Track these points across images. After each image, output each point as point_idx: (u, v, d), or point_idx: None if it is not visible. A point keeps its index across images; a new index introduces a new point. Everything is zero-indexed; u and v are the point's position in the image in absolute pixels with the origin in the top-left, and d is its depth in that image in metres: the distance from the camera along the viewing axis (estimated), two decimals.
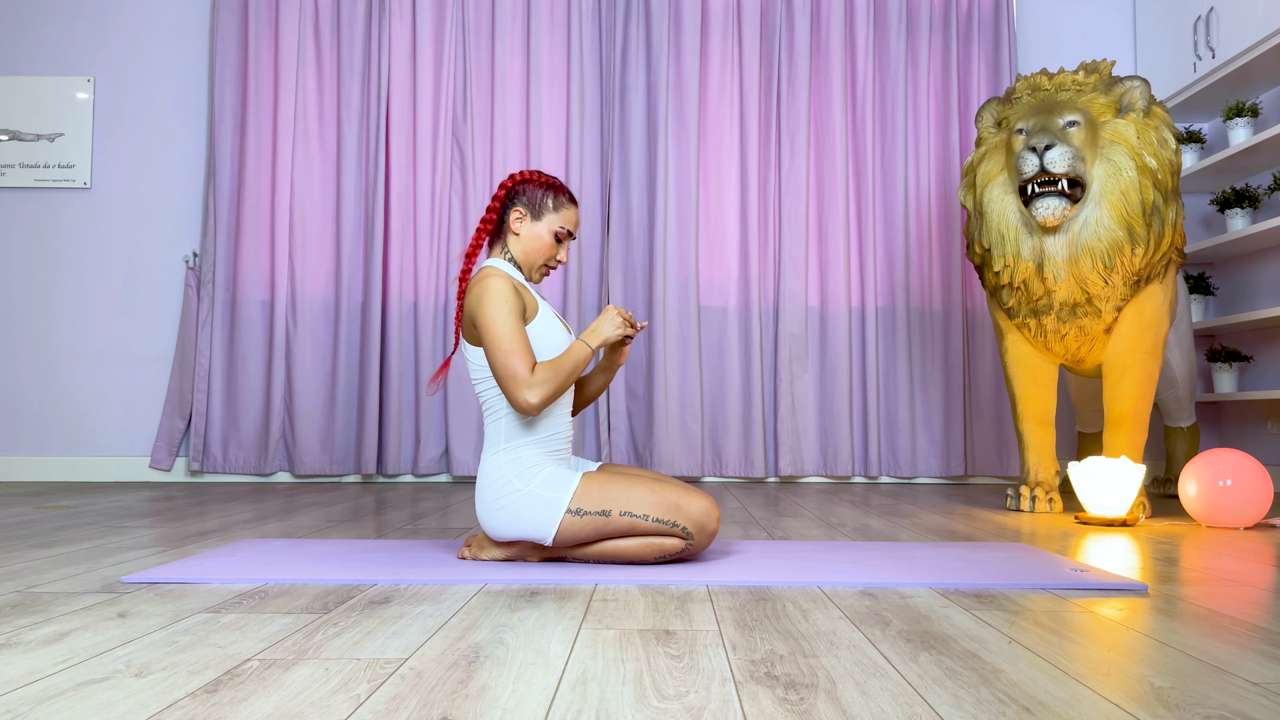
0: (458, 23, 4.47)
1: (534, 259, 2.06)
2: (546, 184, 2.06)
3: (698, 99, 4.46)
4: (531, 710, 1.03)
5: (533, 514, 1.93)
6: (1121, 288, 3.01)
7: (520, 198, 2.05)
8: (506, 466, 1.96)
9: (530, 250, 2.05)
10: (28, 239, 4.48)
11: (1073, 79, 3.08)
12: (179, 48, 4.56)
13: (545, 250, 2.06)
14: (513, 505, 1.94)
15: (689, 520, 1.94)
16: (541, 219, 2.05)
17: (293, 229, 4.36)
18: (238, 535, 2.47)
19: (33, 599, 1.62)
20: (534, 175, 2.07)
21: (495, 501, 1.96)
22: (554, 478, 1.95)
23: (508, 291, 1.93)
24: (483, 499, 1.98)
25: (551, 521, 1.93)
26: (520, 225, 2.05)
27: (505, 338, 1.89)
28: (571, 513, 1.92)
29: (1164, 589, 1.79)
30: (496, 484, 1.96)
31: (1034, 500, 3.21)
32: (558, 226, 2.06)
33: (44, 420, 4.42)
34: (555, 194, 2.06)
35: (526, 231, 2.05)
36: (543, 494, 1.93)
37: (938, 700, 1.08)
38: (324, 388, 4.32)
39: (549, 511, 1.93)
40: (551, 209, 2.05)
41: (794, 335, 4.41)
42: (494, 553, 2.03)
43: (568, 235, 2.08)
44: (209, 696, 1.08)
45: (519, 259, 2.06)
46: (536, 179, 2.06)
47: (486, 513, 1.97)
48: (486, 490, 1.97)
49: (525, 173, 2.08)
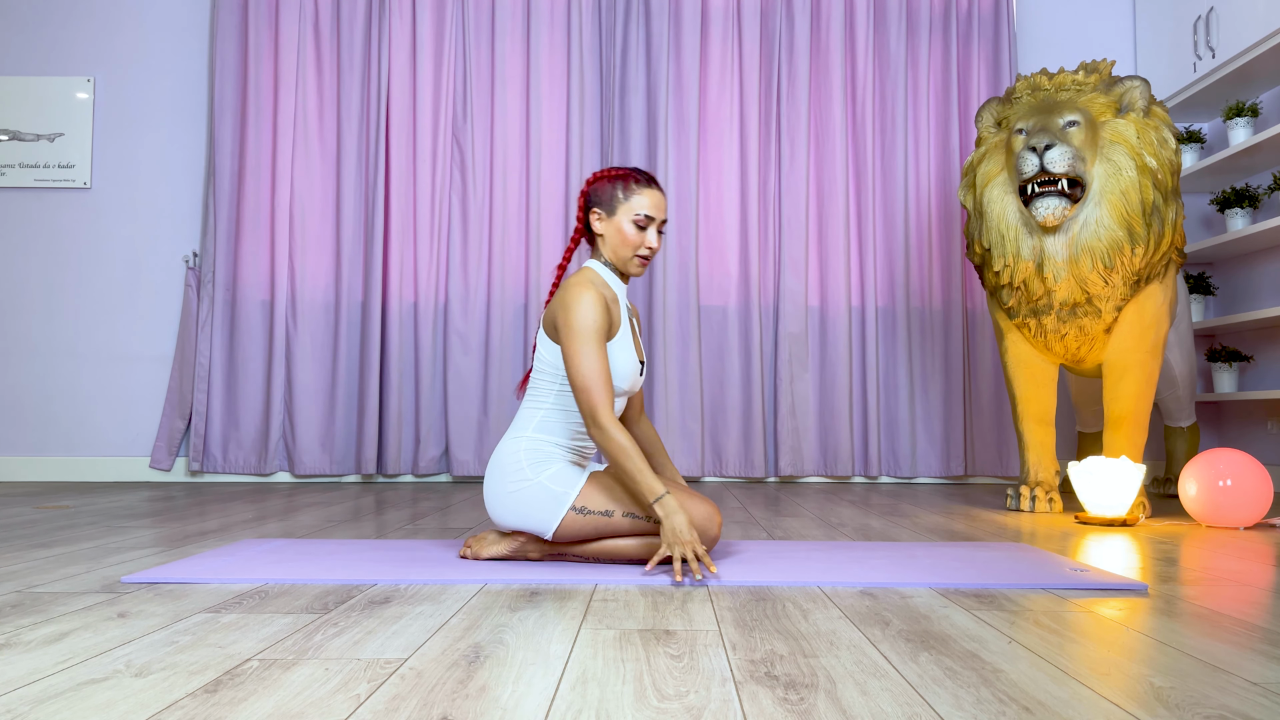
0: (458, 23, 4.47)
1: (623, 253, 2.04)
2: (614, 176, 2.04)
3: (698, 99, 4.46)
4: (531, 710, 1.03)
5: (538, 506, 1.94)
6: (1121, 288, 3.01)
7: (593, 200, 2.05)
8: (524, 454, 1.97)
9: (616, 246, 2.04)
10: (28, 239, 4.48)
11: (1073, 79, 3.08)
12: (179, 48, 4.56)
13: (630, 242, 2.02)
14: (520, 493, 1.95)
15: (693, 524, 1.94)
16: (616, 212, 2.03)
17: (293, 229, 4.36)
18: (238, 535, 2.47)
19: (33, 599, 1.62)
20: (603, 172, 2.06)
21: (505, 486, 1.97)
22: (563, 473, 1.96)
23: (597, 309, 1.91)
24: (494, 481, 1.99)
25: (555, 516, 1.94)
26: (600, 225, 2.05)
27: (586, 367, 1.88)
28: (576, 510, 1.94)
29: (1164, 589, 1.79)
30: (510, 469, 1.97)
31: (1034, 500, 3.21)
32: (634, 214, 2.01)
33: (44, 420, 4.42)
34: (624, 183, 2.03)
35: (608, 230, 2.04)
36: (551, 487, 1.95)
37: (938, 700, 1.08)
38: (324, 388, 4.32)
39: (554, 506, 1.94)
40: (623, 199, 2.03)
41: (794, 335, 4.41)
42: (494, 550, 2.03)
43: (648, 220, 2.02)
44: (209, 696, 1.08)
45: (611, 258, 2.06)
46: (605, 175, 2.05)
47: (495, 496, 1.98)
48: (499, 473, 1.98)
49: (595, 173, 2.07)
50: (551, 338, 2.01)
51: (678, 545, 1.79)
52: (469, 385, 4.32)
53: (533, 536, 2.02)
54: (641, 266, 2.06)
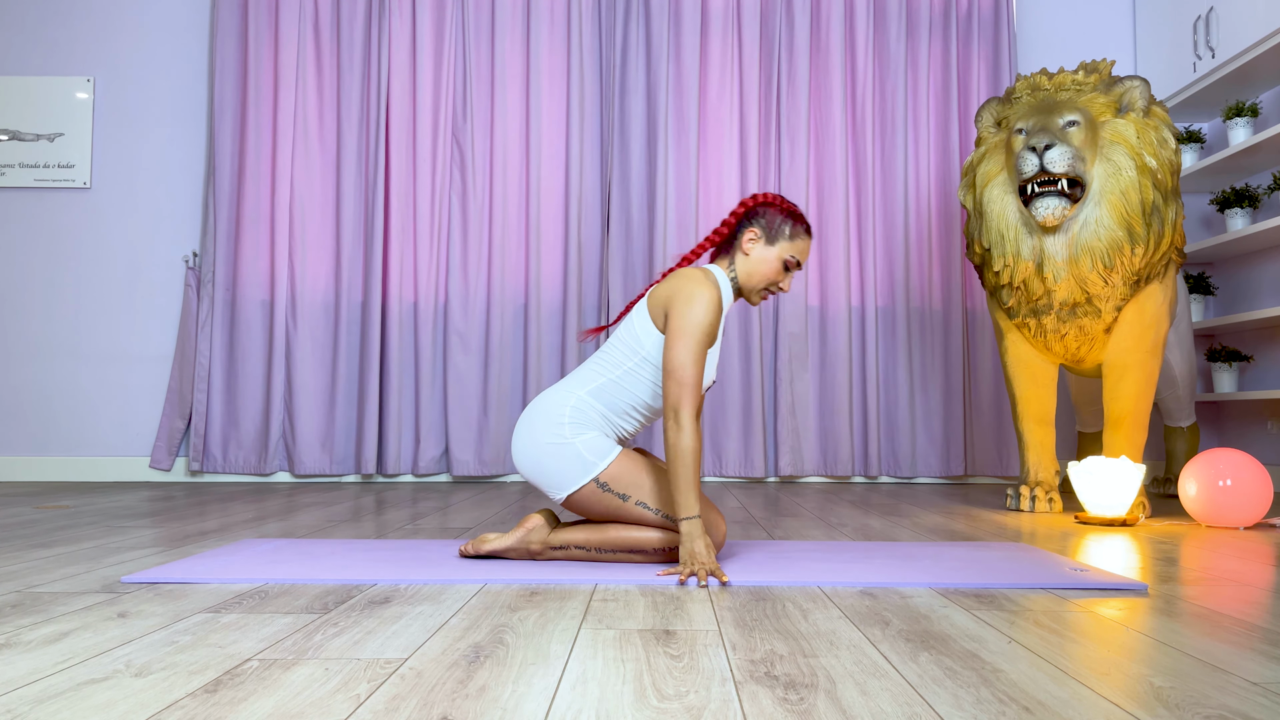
0: (458, 23, 4.47)
1: (757, 282, 2.06)
2: (788, 211, 2.06)
3: (698, 99, 4.46)
4: (531, 710, 1.03)
5: (563, 465, 1.95)
6: (1121, 287, 3.01)
7: (759, 219, 2.05)
8: (569, 411, 1.97)
9: (755, 273, 2.05)
10: (28, 239, 4.48)
11: (1073, 79, 3.08)
12: (179, 48, 4.56)
13: (771, 275, 2.05)
14: (551, 447, 1.96)
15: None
16: (775, 244, 2.04)
17: (293, 229, 4.36)
18: (238, 535, 2.47)
19: (33, 599, 1.62)
20: (776, 200, 2.07)
21: (540, 436, 1.97)
22: (598, 442, 1.97)
23: (714, 314, 1.92)
24: (530, 428, 1.99)
25: (576, 481, 1.95)
26: (753, 246, 2.04)
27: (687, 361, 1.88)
28: (598, 483, 1.95)
29: (1164, 589, 1.79)
30: (551, 422, 1.97)
31: (1034, 500, 3.21)
32: (789, 255, 2.04)
33: (44, 420, 4.42)
34: (794, 223, 2.05)
35: (757, 254, 2.04)
36: (583, 454, 1.95)
37: (938, 700, 1.08)
38: (324, 388, 4.32)
39: (579, 471, 1.94)
40: (788, 236, 2.04)
41: (794, 335, 4.41)
42: (494, 545, 2.02)
43: (796, 265, 2.06)
44: (209, 696, 1.08)
45: (742, 278, 2.06)
46: (779, 204, 2.06)
47: (526, 443, 1.99)
48: (540, 421, 1.98)
49: (768, 195, 2.07)
50: (656, 322, 1.99)
51: (695, 565, 1.82)
52: (469, 385, 4.32)
53: (538, 524, 2.02)
54: (761, 300, 2.09)
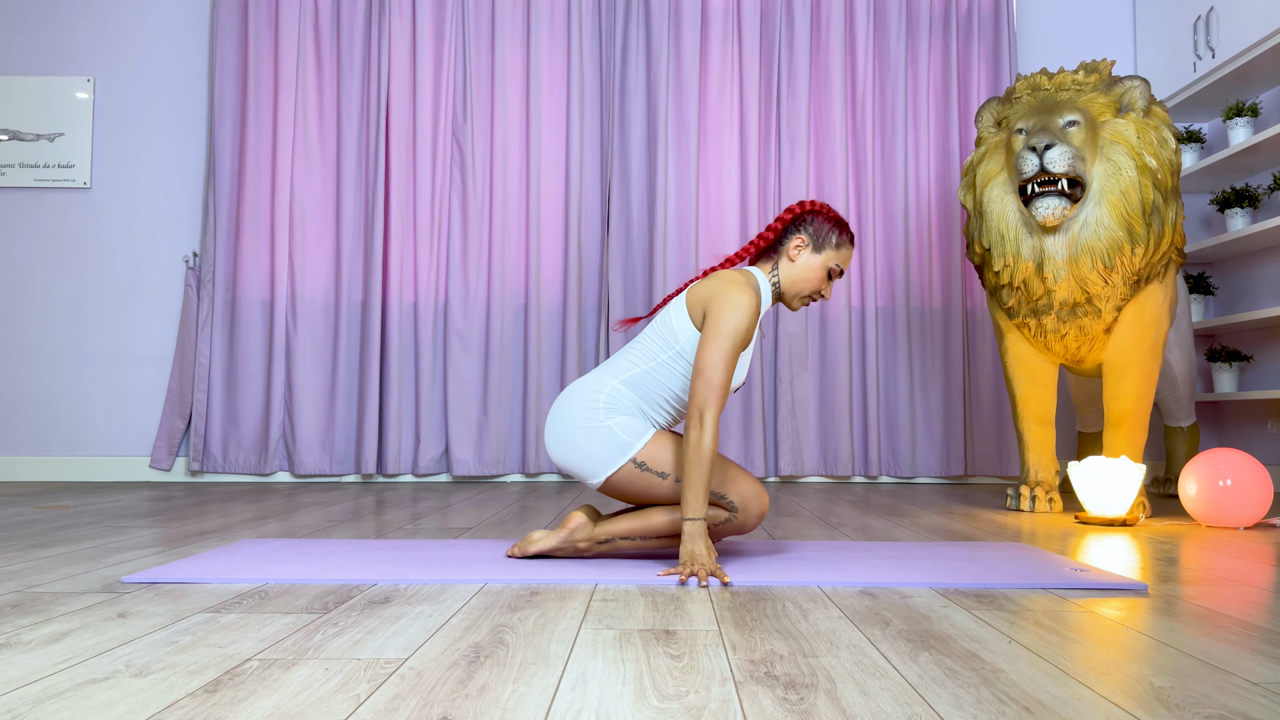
0: (458, 23, 4.47)
1: (801, 288, 2.07)
2: (835, 220, 2.08)
3: (698, 99, 4.46)
4: (531, 710, 1.03)
5: (600, 448, 1.95)
6: (1121, 287, 3.01)
7: (806, 226, 2.06)
8: (605, 397, 1.98)
9: (800, 280, 2.07)
10: (28, 239, 4.48)
11: (1073, 79, 3.08)
12: (179, 48, 4.56)
13: (815, 283, 2.07)
14: (587, 430, 1.96)
15: (738, 495, 1.99)
16: (821, 252, 2.06)
17: (293, 229, 4.36)
18: (238, 535, 2.47)
19: (33, 599, 1.62)
20: (824, 208, 2.08)
21: (575, 423, 1.97)
22: (633, 423, 1.97)
23: (751, 320, 1.93)
24: (563, 416, 1.99)
25: (613, 463, 1.95)
26: (799, 253, 2.06)
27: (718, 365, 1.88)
28: (635, 463, 1.95)
29: (1164, 589, 1.79)
30: (585, 407, 1.97)
31: (1034, 500, 3.21)
32: (833, 264, 2.07)
33: (44, 420, 4.42)
34: (840, 232, 2.07)
35: (804, 261, 2.06)
36: (619, 434, 1.95)
37: (938, 700, 1.08)
38: (324, 388, 4.32)
39: (616, 452, 1.95)
40: (834, 245, 2.07)
41: (794, 335, 4.41)
42: (541, 545, 2.02)
43: (839, 273, 2.08)
44: (209, 696, 1.08)
45: (786, 284, 2.07)
46: (826, 212, 2.08)
47: (561, 430, 1.99)
48: (574, 408, 1.98)
49: (815, 203, 2.09)
50: (693, 318, 1.99)
51: (695, 566, 1.82)
52: (469, 385, 4.32)
53: (582, 523, 2.02)
54: (803, 304, 2.11)
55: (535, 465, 4.31)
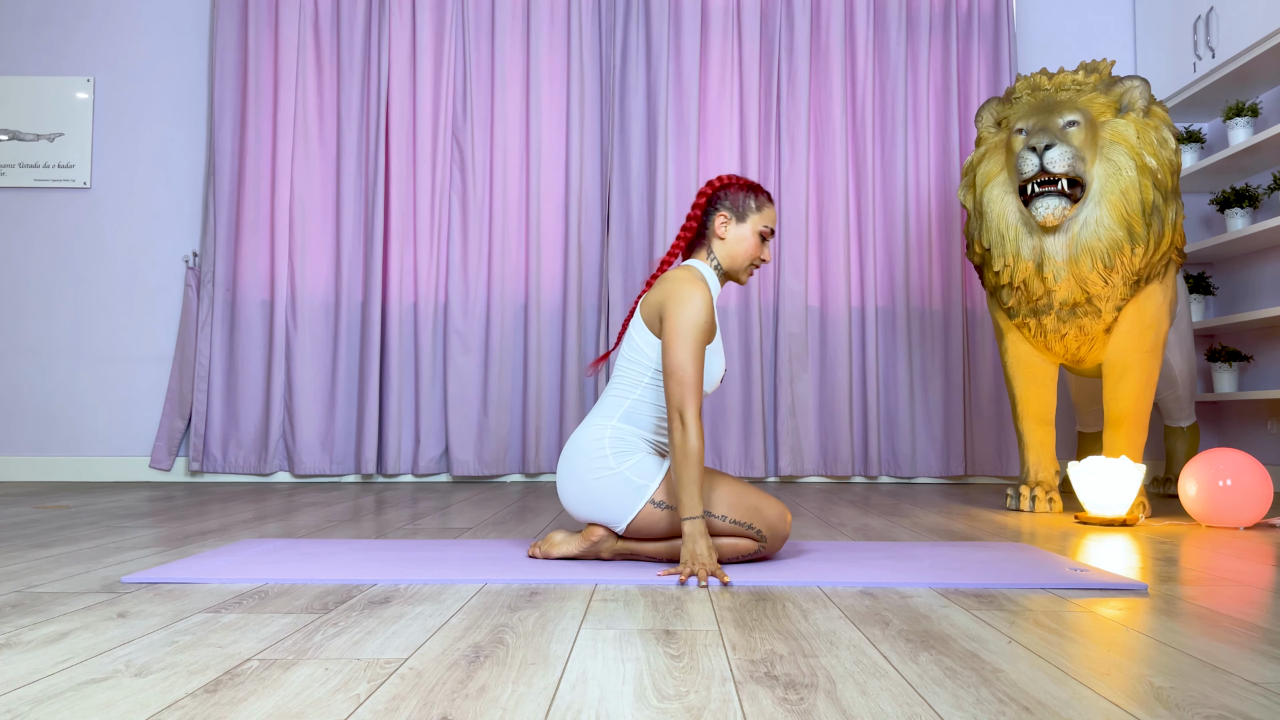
0: (458, 23, 4.47)
1: (740, 261, 2.08)
2: (747, 186, 2.08)
3: (698, 99, 4.46)
4: (531, 710, 1.03)
5: (616, 496, 1.94)
6: (1121, 287, 3.01)
7: (723, 202, 2.06)
8: (609, 442, 1.97)
9: (737, 254, 2.07)
10: (28, 239, 4.48)
11: (1073, 79, 3.08)
12: (179, 48, 4.56)
13: (752, 251, 2.07)
14: (600, 481, 1.95)
15: (765, 524, 1.97)
16: (746, 220, 2.06)
17: (293, 229, 4.36)
18: (238, 535, 2.47)
19: (33, 599, 1.62)
20: (732, 179, 2.08)
21: (588, 473, 1.96)
22: (645, 464, 1.96)
23: (707, 312, 1.93)
24: (573, 467, 1.98)
25: (632, 508, 1.94)
26: (726, 229, 2.06)
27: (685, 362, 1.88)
28: (654, 503, 1.94)
29: (1164, 589, 1.79)
30: (593, 456, 1.96)
31: (1034, 500, 3.20)
32: (761, 226, 2.07)
33: (44, 420, 4.42)
34: (756, 194, 2.08)
35: (733, 234, 2.06)
36: (632, 479, 1.94)
37: (938, 700, 1.08)
38: (324, 388, 4.32)
39: (633, 497, 1.94)
40: (755, 209, 2.07)
41: (794, 335, 4.41)
42: (563, 549, 2.02)
43: (770, 234, 2.09)
44: (209, 696, 1.08)
45: (725, 262, 2.08)
46: (736, 183, 2.08)
47: (573, 483, 1.98)
48: (581, 459, 1.97)
49: (724, 178, 2.09)
50: (651, 327, 1.99)
51: (696, 565, 1.82)
52: (469, 385, 4.32)
53: (606, 535, 2.01)
54: (749, 275, 2.11)
55: (535, 465, 4.31)
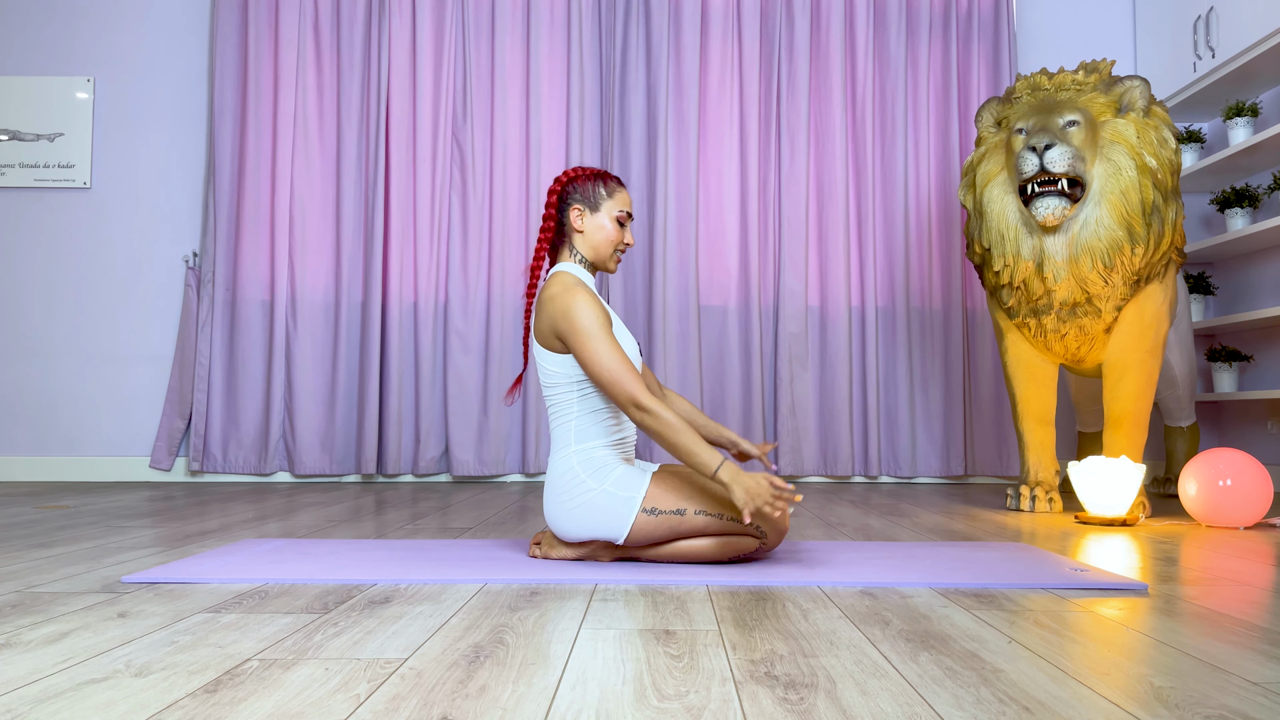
0: (458, 23, 4.47)
1: (604, 250, 2.07)
2: (594, 175, 2.08)
3: (698, 99, 4.46)
4: (531, 710, 1.03)
5: (607, 512, 1.93)
6: (1121, 287, 3.01)
7: (574, 196, 2.06)
8: (579, 465, 1.96)
9: (599, 243, 2.06)
10: (28, 239, 4.48)
11: (1073, 79, 3.08)
12: (179, 48, 4.56)
13: (612, 238, 2.07)
14: (586, 504, 1.94)
15: (764, 519, 1.96)
16: (600, 209, 2.06)
17: (293, 229, 4.36)
18: (238, 535, 2.47)
19: (33, 599, 1.62)
20: (580, 171, 2.08)
21: (570, 499, 1.95)
22: (627, 476, 1.95)
23: (595, 306, 1.93)
24: (554, 498, 1.97)
25: (625, 520, 1.93)
26: (582, 221, 2.06)
27: (608, 361, 1.88)
28: (646, 511, 1.93)
29: (1164, 589, 1.79)
30: (570, 482, 1.95)
31: (1034, 500, 3.20)
32: (617, 211, 2.07)
33: (44, 420, 4.42)
34: (605, 181, 2.08)
35: (590, 225, 2.06)
36: (617, 492, 1.93)
37: (938, 700, 1.08)
38: (324, 388, 4.32)
39: (623, 510, 1.93)
40: (606, 196, 2.07)
41: (794, 335, 4.41)
42: (564, 551, 2.02)
43: (628, 217, 2.09)
44: (209, 696, 1.08)
45: (590, 255, 2.07)
46: (583, 173, 2.08)
47: (559, 512, 1.97)
48: (559, 488, 1.97)
49: (569, 171, 2.08)
50: (551, 348, 1.99)
51: (756, 500, 1.81)
52: (469, 385, 4.32)
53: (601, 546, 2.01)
54: (618, 262, 2.12)
55: (535, 465, 4.31)
